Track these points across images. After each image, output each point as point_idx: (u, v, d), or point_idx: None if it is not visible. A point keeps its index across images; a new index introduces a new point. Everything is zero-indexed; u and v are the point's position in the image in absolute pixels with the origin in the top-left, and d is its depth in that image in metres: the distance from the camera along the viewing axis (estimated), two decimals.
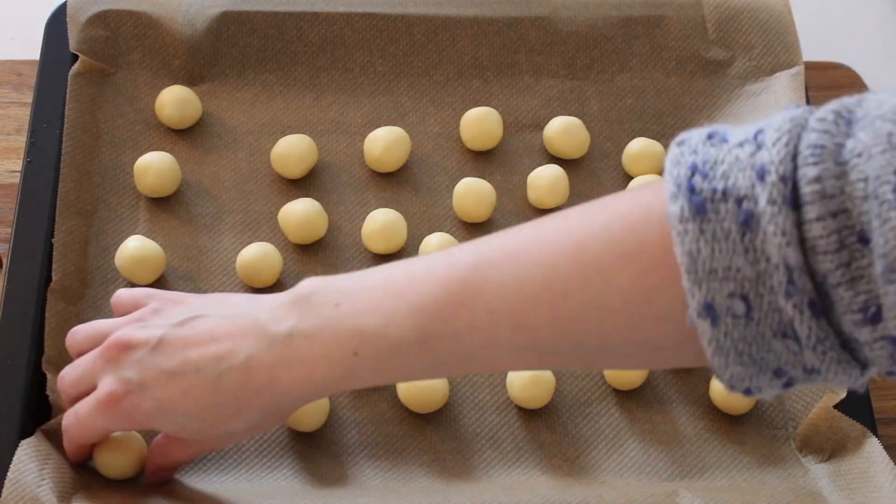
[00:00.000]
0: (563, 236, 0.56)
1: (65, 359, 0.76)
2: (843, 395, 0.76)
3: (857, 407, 0.77)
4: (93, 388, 0.67)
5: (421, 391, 0.76)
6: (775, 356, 0.51)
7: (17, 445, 0.71)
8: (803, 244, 0.48)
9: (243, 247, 0.82)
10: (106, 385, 0.66)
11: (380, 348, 0.59)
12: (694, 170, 0.51)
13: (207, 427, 0.65)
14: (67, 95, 0.84)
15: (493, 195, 0.84)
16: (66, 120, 0.84)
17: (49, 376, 0.74)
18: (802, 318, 0.49)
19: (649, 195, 0.54)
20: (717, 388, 0.78)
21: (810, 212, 0.48)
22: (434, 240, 0.82)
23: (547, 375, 0.77)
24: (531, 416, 0.78)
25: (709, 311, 0.50)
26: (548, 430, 0.77)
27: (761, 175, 0.49)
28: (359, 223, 0.84)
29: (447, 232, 0.83)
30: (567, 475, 0.75)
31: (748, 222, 0.49)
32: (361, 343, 0.60)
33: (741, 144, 0.51)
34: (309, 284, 0.62)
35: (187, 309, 0.66)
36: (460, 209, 0.84)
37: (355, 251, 0.83)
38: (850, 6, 1.06)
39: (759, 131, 0.51)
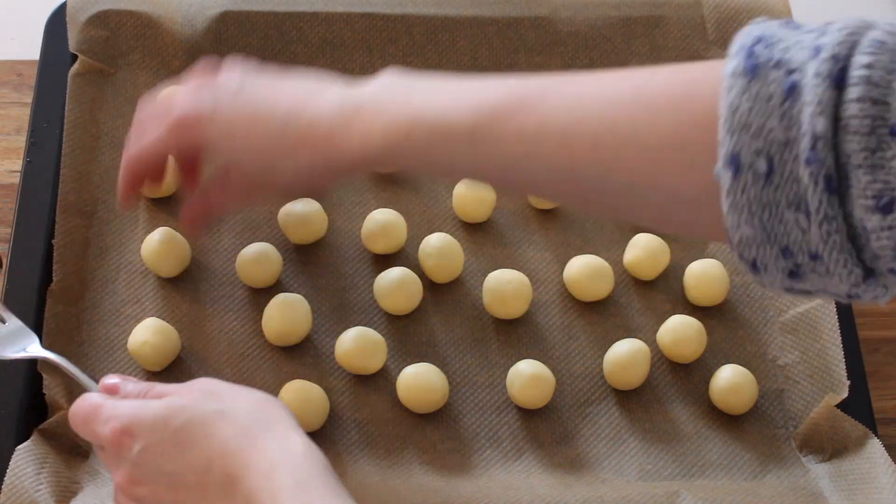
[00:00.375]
0: (626, 80, 0.61)
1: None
2: (845, 394, 0.76)
3: (857, 407, 0.77)
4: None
5: (421, 391, 0.76)
6: (785, 230, 0.53)
7: (16, 445, 0.71)
8: (837, 123, 0.50)
9: (243, 247, 0.82)
10: (181, 103, 0.71)
11: (432, 131, 0.64)
12: (759, 40, 0.54)
13: (260, 160, 0.70)
14: (67, 96, 0.84)
15: (493, 195, 0.84)
16: (66, 120, 0.84)
17: (45, 377, 0.74)
18: (815, 190, 0.51)
19: (715, 62, 0.57)
20: (716, 387, 0.78)
21: (852, 92, 0.50)
22: (434, 240, 0.82)
23: (547, 375, 0.77)
24: (531, 416, 0.78)
25: (733, 161, 0.53)
26: (548, 430, 0.77)
27: (815, 52, 0.52)
28: (358, 223, 0.84)
29: (447, 232, 0.83)
30: (567, 475, 0.75)
31: (792, 90, 0.52)
32: (417, 122, 0.64)
33: (809, 31, 0.54)
34: (390, 72, 0.68)
35: (276, 76, 0.72)
36: (460, 209, 0.84)
37: (355, 251, 0.83)
38: (850, 6, 1.06)
39: (829, 23, 0.54)
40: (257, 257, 0.80)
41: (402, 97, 0.66)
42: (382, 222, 0.82)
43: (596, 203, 0.64)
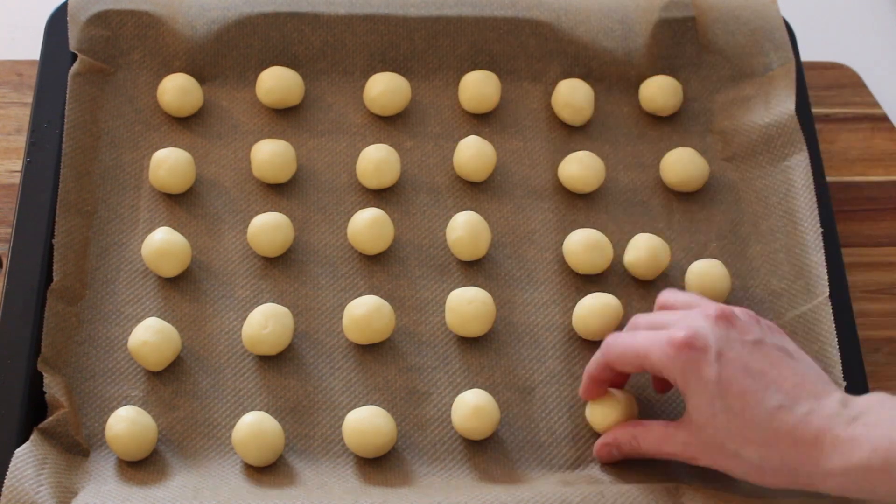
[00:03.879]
0: None
1: (62, 359, 0.76)
2: None
3: None
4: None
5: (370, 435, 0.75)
6: None
7: (16, 445, 0.71)
8: None
9: (243, 247, 0.82)
10: (693, 325, 0.68)
11: None
12: None
13: (731, 433, 0.67)
14: (68, 95, 0.84)
15: (494, 154, 0.85)
16: (66, 120, 0.84)
17: (45, 376, 0.74)
18: None
19: None
20: None
21: None
22: (461, 218, 0.82)
23: (491, 406, 0.76)
24: (531, 415, 0.78)
25: None
26: (547, 430, 0.77)
27: None
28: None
29: (442, 249, 0.84)
30: (568, 472, 0.75)
31: None
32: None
33: None
34: (881, 394, 0.67)
35: (782, 346, 0.70)
36: (460, 167, 0.86)
37: (347, 252, 0.83)
38: (850, 6, 1.06)
39: None
40: (268, 226, 0.81)
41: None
42: (370, 220, 0.82)
43: None
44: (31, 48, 0.89)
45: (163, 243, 0.79)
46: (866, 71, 0.98)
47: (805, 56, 0.91)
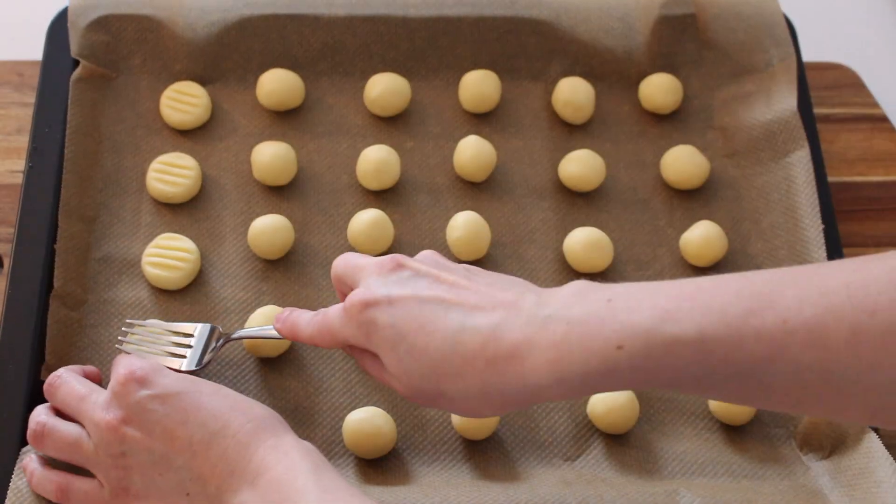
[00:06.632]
0: (875, 261, 0.54)
1: (65, 364, 0.76)
2: None
3: None
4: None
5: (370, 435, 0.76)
6: None
7: (19, 447, 0.71)
8: None
9: (244, 251, 0.82)
10: (359, 291, 0.63)
11: (651, 344, 0.55)
12: None
13: (423, 373, 0.60)
14: (69, 101, 0.84)
15: (494, 154, 0.85)
16: (68, 125, 0.83)
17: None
18: None
19: None
20: (714, 403, 0.78)
21: None
22: (461, 218, 0.83)
23: None
24: (530, 415, 0.78)
25: None
26: (547, 430, 0.78)
27: None
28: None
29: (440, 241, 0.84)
30: (567, 473, 0.75)
31: None
32: (630, 337, 0.56)
33: None
34: (578, 283, 0.60)
35: (467, 269, 0.64)
36: (461, 167, 0.86)
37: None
38: (850, 6, 1.06)
39: None
40: (269, 228, 0.81)
41: (602, 311, 0.57)
42: (368, 222, 0.82)
43: (854, 404, 0.54)
44: (31, 48, 0.89)
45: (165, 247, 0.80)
46: (866, 71, 0.98)
47: (805, 56, 0.91)
